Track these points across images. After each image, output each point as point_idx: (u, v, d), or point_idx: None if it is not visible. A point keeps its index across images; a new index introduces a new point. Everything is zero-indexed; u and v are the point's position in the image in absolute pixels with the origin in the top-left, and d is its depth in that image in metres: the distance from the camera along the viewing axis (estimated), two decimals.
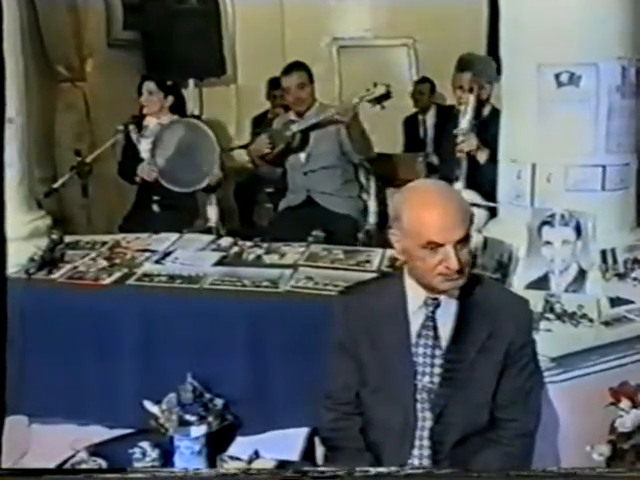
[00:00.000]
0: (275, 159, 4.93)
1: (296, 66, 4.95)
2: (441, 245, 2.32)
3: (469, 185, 3.89)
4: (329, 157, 4.82)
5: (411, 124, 7.35)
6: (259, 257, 3.67)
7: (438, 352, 2.49)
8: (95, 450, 3.16)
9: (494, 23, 3.47)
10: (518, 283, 3.06)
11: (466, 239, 2.36)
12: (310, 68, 4.96)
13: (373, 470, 2.47)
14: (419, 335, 2.49)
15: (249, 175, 6.76)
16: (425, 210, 2.34)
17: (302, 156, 4.85)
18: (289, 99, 4.92)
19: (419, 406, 2.50)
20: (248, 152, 5.42)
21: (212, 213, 4.58)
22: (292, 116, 4.94)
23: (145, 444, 3.11)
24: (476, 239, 3.20)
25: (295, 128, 4.80)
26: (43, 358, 3.34)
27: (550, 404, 2.77)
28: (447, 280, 2.37)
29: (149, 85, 4.78)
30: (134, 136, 4.73)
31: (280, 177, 5.08)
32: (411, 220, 2.36)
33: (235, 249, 3.78)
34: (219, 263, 3.60)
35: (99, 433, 3.27)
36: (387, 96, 4.63)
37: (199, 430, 3.00)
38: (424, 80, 7.27)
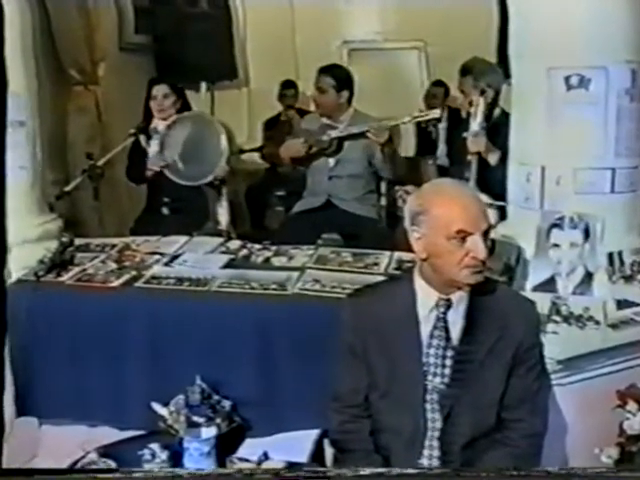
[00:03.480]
0: (303, 160, 4.91)
1: (330, 69, 4.92)
2: (469, 234, 2.36)
3: (479, 187, 3.88)
4: (357, 165, 4.80)
5: (424, 127, 7.34)
6: (267, 260, 3.67)
7: (449, 352, 2.50)
8: (105, 451, 3.17)
9: (505, 26, 3.46)
10: (526, 285, 3.05)
11: (488, 231, 2.41)
12: (345, 72, 4.93)
13: (368, 470, 2.48)
14: (431, 336, 2.51)
15: (260, 178, 6.81)
16: (453, 201, 2.40)
17: (331, 161, 4.82)
18: (322, 101, 4.86)
19: (429, 407, 2.51)
20: (265, 155, 5.43)
21: (223, 216, 4.57)
22: (325, 120, 4.88)
23: (155, 445, 3.11)
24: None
25: (334, 134, 4.75)
26: (52, 360, 3.37)
27: (557, 407, 2.78)
28: (473, 273, 2.40)
29: (163, 89, 4.76)
30: (143, 139, 4.73)
31: (298, 179, 5.07)
32: (440, 212, 2.40)
33: (244, 252, 3.78)
34: (227, 266, 3.61)
35: (109, 434, 3.29)
36: (439, 120, 4.65)
37: (209, 432, 3.01)
38: (438, 83, 7.26)
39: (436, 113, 4.64)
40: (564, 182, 3.06)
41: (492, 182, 3.81)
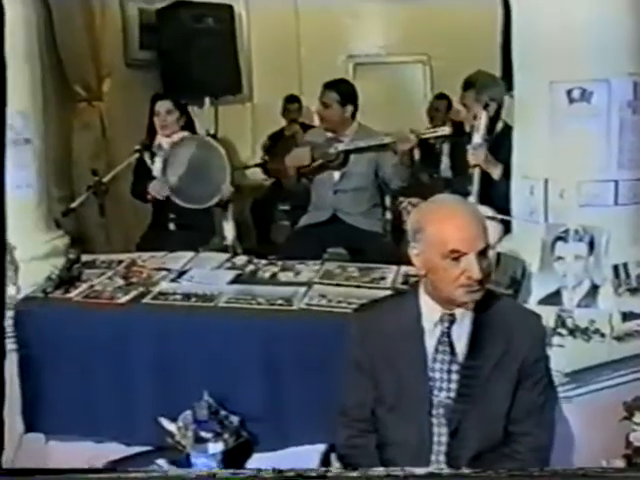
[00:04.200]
0: (308, 173, 4.92)
1: (335, 84, 4.96)
2: (464, 254, 2.36)
3: (483, 201, 3.89)
4: (362, 179, 4.83)
5: (427, 140, 7.35)
6: (274, 275, 3.69)
7: (455, 367, 2.51)
8: (112, 467, 3.17)
9: (508, 40, 3.47)
10: (531, 299, 3.05)
11: (487, 250, 2.41)
12: (350, 87, 4.96)
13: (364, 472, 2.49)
14: (436, 351, 2.52)
15: (265, 193, 6.82)
16: (449, 220, 2.41)
17: (336, 174, 4.85)
18: (326, 115, 4.90)
19: (435, 422, 2.52)
20: (270, 170, 5.45)
21: (229, 231, 4.60)
22: (329, 134, 4.91)
23: (162, 461, 3.11)
24: (490, 255, 3.22)
25: (342, 147, 4.78)
26: (60, 376, 3.38)
27: (564, 419, 2.78)
28: (468, 292, 2.41)
29: (166, 104, 4.79)
30: (147, 156, 4.74)
31: (303, 193, 5.08)
32: (435, 231, 2.41)
33: (250, 267, 3.80)
34: (234, 281, 3.62)
35: (116, 450, 3.30)
36: (448, 137, 4.67)
37: (216, 447, 3.02)
38: (441, 97, 7.28)
39: (445, 130, 4.65)
40: (568, 195, 3.06)
41: (496, 196, 3.80)
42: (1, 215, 2.55)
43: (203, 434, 3.03)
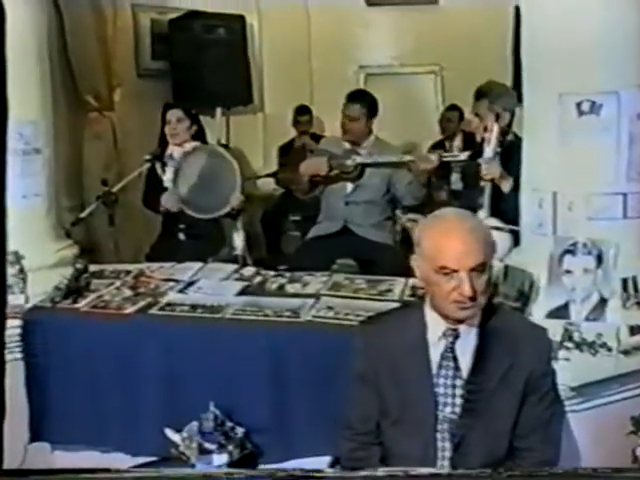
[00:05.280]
0: (322, 183, 4.91)
1: (364, 95, 4.99)
2: (455, 271, 2.35)
3: (494, 213, 3.87)
4: (375, 192, 4.83)
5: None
6: (282, 287, 3.68)
7: (459, 382, 2.49)
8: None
9: (519, 51, 3.47)
10: (539, 312, 3.04)
11: (482, 268, 2.37)
12: (374, 99, 4.96)
13: (361, 472, 2.47)
14: (440, 366, 2.50)
15: (276, 203, 6.82)
16: (442, 236, 2.40)
17: (349, 186, 4.85)
18: (347, 127, 4.88)
19: (439, 436, 2.50)
20: (280, 180, 5.45)
21: (238, 241, 4.59)
22: (347, 145, 4.91)
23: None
24: (498, 267, 3.21)
25: (360, 160, 4.77)
26: (67, 385, 3.39)
27: (571, 433, 2.76)
28: (460, 308, 2.39)
29: (177, 113, 4.80)
30: (158, 166, 4.75)
31: (313, 204, 5.08)
32: (429, 245, 2.42)
33: (258, 278, 3.80)
34: (242, 293, 3.62)
35: (121, 460, 3.29)
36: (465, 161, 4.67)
37: (220, 459, 3.02)
38: (453, 108, 7.28)
39: (465, 155, 4.63)
40: (576, 208, 3.04)
41: (506, 208, 3.79)
42: (1, 223, 2.54)
43: (207, 445, 3.03)
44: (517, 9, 3.45)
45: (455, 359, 2.48)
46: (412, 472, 2.43)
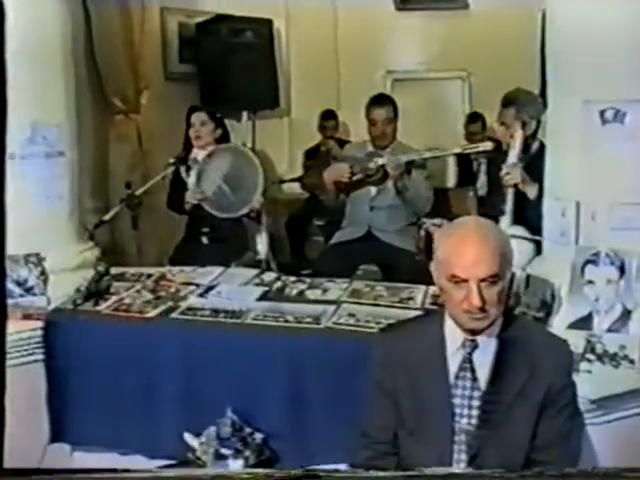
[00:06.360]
0: (345, 187, 4.89)
1: (386, 99, 4.99)
2: (465, 281, 2.32)
3: (518, 221, 3.84)
4: (397, 196, 4.80)
5: (464, 158, 7.30)
6: (302, 292, 3.68)
7: (476, 394, 2.45)
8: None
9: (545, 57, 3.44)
10: (560, 323, 3.01)
11: (494, 279, 2.33)
12: (395, 102, 4.97)
13: (360, 472, 2.46)
14: (457, 377, 2.47)
15: (300, 207, 6.82)
16: (457, 244, 2.36)
17: (373, 190, 4.83)
18: (374, 132, 4.88)
19: (455, 448, 2.47)
20: (305, 185, 5.47)
21: (261, 245, 4.58)
22: (370, 147, 4.91)
23: None
24: (519, 276, 3.18)
25: (381, 162, 4.72)
26: (87, 387, 3.40)
27: (591, 446, 2.72)
28: (472, 319, 2.36)
29: (201, 116, 4.81)
30: (183, 169, 4.75)
31: (338, 209, 5.05)
32: (444, 252, 2.39)
33: (278, 284, 3.80)
34: (262, 298, 3.63)
35: (139, 463, 3.31)
36: (488, 152, 4.65)
37: (236, 464, 3.02)
38: (473, 119, 7.18)
39: (488, 145, 4.60)
40: (599, 218, 3.02)
41: (530, 215, 3.76)
42: (1, 223, 2.56)
43: (224, 451, 3.03)
44: (544, 14, 3.43)
45: (473, 370, 2.45)
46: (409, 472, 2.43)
